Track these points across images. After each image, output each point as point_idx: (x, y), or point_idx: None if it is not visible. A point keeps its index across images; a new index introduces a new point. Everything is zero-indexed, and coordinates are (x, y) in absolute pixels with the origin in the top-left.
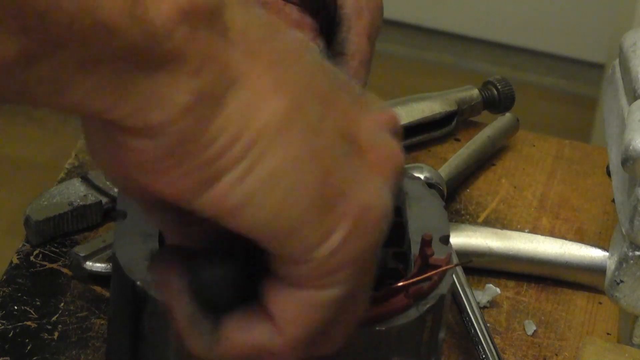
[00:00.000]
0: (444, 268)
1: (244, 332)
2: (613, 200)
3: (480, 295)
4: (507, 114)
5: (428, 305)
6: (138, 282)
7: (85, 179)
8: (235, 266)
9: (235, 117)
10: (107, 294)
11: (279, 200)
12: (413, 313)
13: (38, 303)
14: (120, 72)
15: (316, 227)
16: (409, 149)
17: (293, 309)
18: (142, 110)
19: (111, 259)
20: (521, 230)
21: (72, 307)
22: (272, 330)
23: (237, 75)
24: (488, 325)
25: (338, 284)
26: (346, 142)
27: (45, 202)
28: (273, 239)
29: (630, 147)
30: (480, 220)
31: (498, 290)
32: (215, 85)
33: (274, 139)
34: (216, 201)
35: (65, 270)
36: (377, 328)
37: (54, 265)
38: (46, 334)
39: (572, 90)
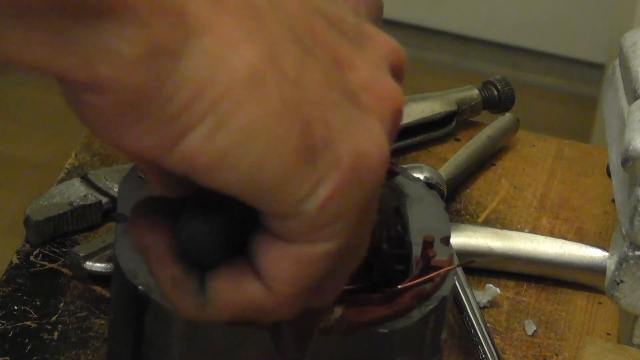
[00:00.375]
0: (446, 269)
1: (233, 291)
2: (613, 200)
3: (480, 295)
4: (507, 114)
5: (430, 307)
6: (140, 287)
7: (85, 179)
8: (222, 220)
9: (197, 70)
10: (107, 294)
11: (256, 156)
12: (415, 315)
13: (38, 303)
14: (58, 24)
15: (301, 180)
16: (409, 149)
17: (284, 265)
18: (88, 64)
19: (112, 262)
20: (521, 230)
21: (72, 307)
22: (262, 287)
23: (198, 25)
24: (488, 325)
25: (332, 237)
26: (334, 89)
27: (45, 202)
28: (255, 196)
29: (630, 147)
30: (480, 220)
31: (498, 290)
32: (169, 37)
33: (244, 92)
34: (187, 159)
35: (65, 270)
36: (380, 330)
37: (54, 265)
38: (46, 334)
39: (572, 90)
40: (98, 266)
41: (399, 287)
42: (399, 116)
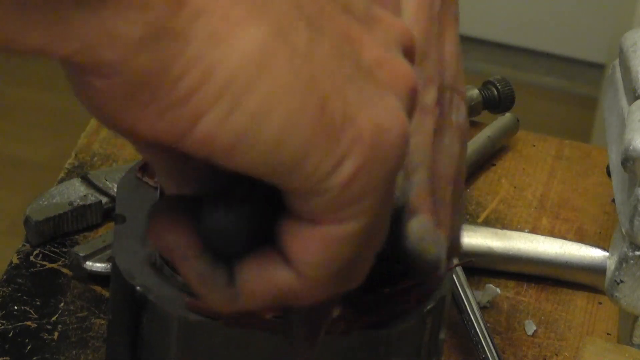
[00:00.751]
0: (444, 269)
1: (262, 279)
2: (613, 200)
3: (480, 295)
4: (507, 114)
5: (429, 307)
6: (138, 287)
7: (85, 179)
8: (246, 208)
9: (204, 51)
10: (107, 294)
11: (274, 133)
12: (414, 315)
13: (38, 303)
14: (57, 8)
15: (323, 156)
16: None
17: (311, 248)
18: (91, 47)
19: (111, 263)
20: (521, 230)
21: (72, 307)
22: (291, 272)
23: (201, 6)
24: (488, 325)
25: (357, 216)
26: (347, 63)
27: (45, 202)
28: (277, 174)
29: (630, 147)
30: (480, 220)
31: (498, 290)
32: (171, 18)
33: (255, 70)
34: (205, 141)
35: (65, 270)
36: (378, 331)
37: (54, 265)
38: (46, 334)
39: (572, 90)
40: (98, 266)
41: (397, 287)
42: (415, 95)
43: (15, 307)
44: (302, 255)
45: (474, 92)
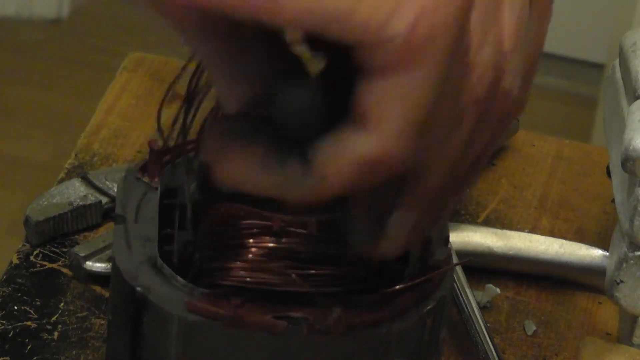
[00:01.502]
0: (444, 269)
1: (342, 153)
2: (613, 200)
3: (480, 295)
4: None
5: (429, 307)
6: (138, 288)
7: (85, 179)
8: (318, 86)
9: None
10: (107, 294)
11: None
12: (414, 315)
13: (38, 303)
14: None
15: (374, 1)
16: None
17: (387, 100)
18: None
19: (110, 263)
20: (521, 230)
21: (72, 307)
22: (372, 136)
23: None
24: (488, 325)
25: (428, 62)
26: None
27: (45, 202)
28: (335, 22)
29: (630, 147)
30: (480, 220)
31: (498, 290)
32: None
33: None
34: None
35: (65, 270)
36: (378, 330)
37: (54, 265)
38: (46, 334)
39: (572, 90)
40: (98, 266)
41: (397, 287)
42: None
43: (15, 307)
44: (378, 111)
45: None
